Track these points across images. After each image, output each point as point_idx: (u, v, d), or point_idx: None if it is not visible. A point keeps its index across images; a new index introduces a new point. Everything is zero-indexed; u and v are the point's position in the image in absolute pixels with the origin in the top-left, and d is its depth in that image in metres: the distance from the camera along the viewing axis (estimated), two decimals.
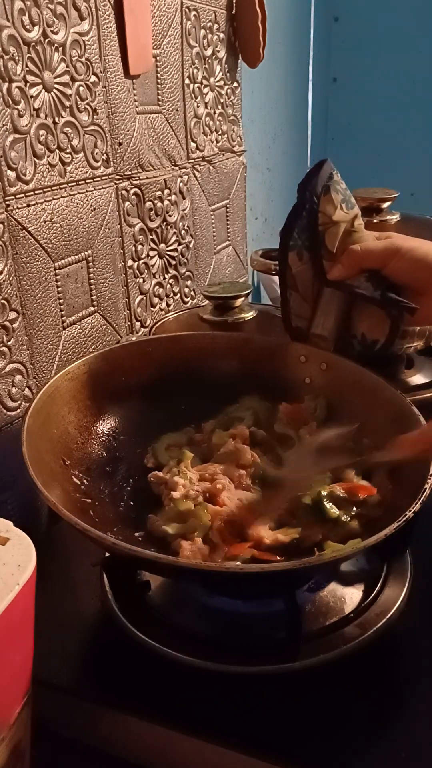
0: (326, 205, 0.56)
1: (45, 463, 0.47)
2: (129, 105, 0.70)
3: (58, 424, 0.53)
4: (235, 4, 0.90)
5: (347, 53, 1.71)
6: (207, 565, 0.43)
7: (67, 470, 0.51)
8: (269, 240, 1.33)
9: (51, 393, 0.53)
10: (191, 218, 0.88)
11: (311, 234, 0.57)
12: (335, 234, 0.57)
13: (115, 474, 0.56)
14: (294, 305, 0.60)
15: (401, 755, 0.39)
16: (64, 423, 0.54)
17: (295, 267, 0.59)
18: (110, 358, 0.59)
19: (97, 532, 0.39)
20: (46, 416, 0.51)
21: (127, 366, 0.60)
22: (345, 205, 0.57)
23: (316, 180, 0.56)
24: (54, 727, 0.44)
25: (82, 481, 0.52)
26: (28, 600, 0.32)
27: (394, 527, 0.39)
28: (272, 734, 0.40)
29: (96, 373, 0.58)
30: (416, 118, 1.68)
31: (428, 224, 0.96)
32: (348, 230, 0.57)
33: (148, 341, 0.64)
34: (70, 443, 0.54)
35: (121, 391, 0.60)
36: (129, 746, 0.43)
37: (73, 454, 0.53)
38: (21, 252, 0.56)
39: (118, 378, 0.59)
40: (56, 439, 0.52)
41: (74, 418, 0.55)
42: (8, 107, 0.53)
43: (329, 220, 0.56)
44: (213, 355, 0.63)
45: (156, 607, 0.48)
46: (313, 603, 0.48)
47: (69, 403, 0.55)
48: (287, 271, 0.59)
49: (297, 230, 0.58)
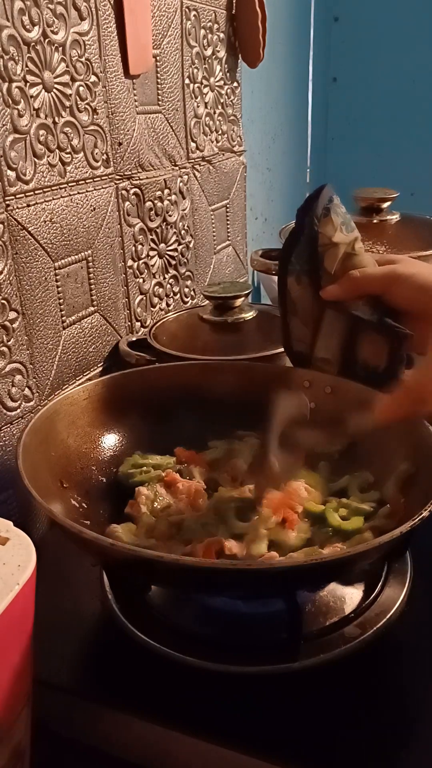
0: (326, 226, 0.56)
1: (42, 482, 0.46)
2: (129, 105, 0.70)
3: (57, 447, 0.52)
4: (235, 4, 0.90)
5: (347, 53, 1.70)
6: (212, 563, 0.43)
7: (65, 492, 0.51)
8: (269, 240, 1.33)
9: (50, 415, 0.52)
10: (191, 218, 0.88)
11: (310, 257, 0.57)
12: (335, 255, 0.56)
13: (116, 498, 0.55)
14: (294, 330, 0.60)
15: (401, 755, 0.39)
16: (62, 447, 0.53)
17: (294, 291, 0.59)
18: (111, 385, 0.59)
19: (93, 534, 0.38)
20: (45, 437, 0.50)
21: (128, 393, 0.60)
22: (345, 227, 0.57)
23: (316, 204, 0.56)
24: (54, 727, 0.44)
25: (81, 504, 0.52)
26: (28, 600, 0.32)
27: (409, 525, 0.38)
28: (272, 734, 0.40)
29: (96, 399, 0.57)
30: (416, 118, 1.68)
31: (428, 224, 0.96)
32: (348, 253, 0.57)
33: (150, 370, 0.64)
34: (69, 467, 0.53)
35: (121, 418, 0.59)
36: (129, 746, 0.43)
37: (71, 478, 0.52)
38: (21, 252, 0.56)
39: (118, 405, 0.59)
40: (54, 462, 0.51)
41: (73, 443, 0.55)
42: (8, 107, 0.53)
43: (329, 241, 0.56)
44: (216, 382, 0.62)
45: (156, 607, 0.48)
46: (313, 603, 0.48)
47: (68, 428, 0.54)
48: (287, 296, 0.59)
49: (294, 255, 0.57)
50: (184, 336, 0.73)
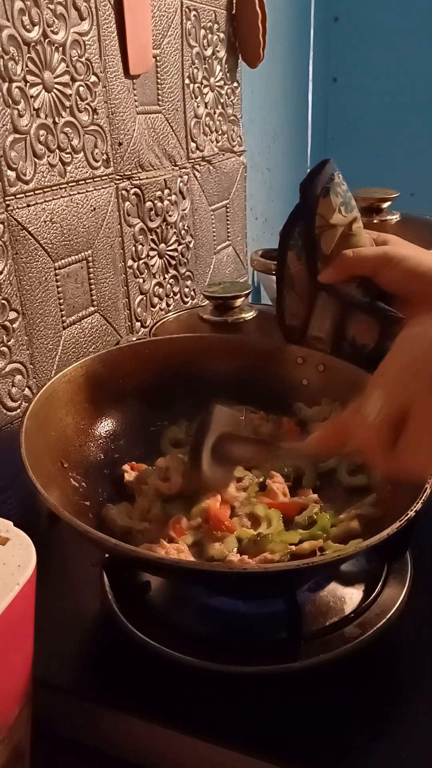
0: (324, 207, 0.56)
1: (43, 465, 0.47)
2: (129, 105, 0.70)
3: (56, 426, 0.53)
4: (235, 4, 0.90)
5: (347, 53, 1.71)
6: (210, 566, 0.43)
7: (65, 472, 0.51)
8: (269, 240, 1.33)
9: (48, 395, 0.53)
10: (191, 218, 0.88)
11: (310, 236, 0.57)
12: (331, 237, 0.56)
13: (113, 476, 0.56)
14: (289, 304, 0.60)
15: (401, 755, 0.39)
16: (61, 425, 0.54)
17: (293, 266, 0.59)
18: (107, 360, 0.59)
19: (99, 534, 0.39)
20: (44, 418, 0.51)
21: (124, 369, 0.60)
22: (344, 208, 0.56)
23: (318, 180, 0.56)
24: (54, 727, 0.44)
25: (81, 483, 0.52)
26: (28, 600, 0.32)
27: (396, 527, 0.39)
28: (272, 734, 0.40)
29: (93, 375, 0.58)
30: (416, 118, 1.68)
31: (428, 224, 0.96)
32: (345, 233, 0.57)
33: (144, 344, 0.64)
34: (68, 446, 0.54)
35: (118, 394, 0.60)
36: (129, 746, 0.43)
37: (71, 457, 0.53)
38: (21, 252, 0.56)
39: (115, 381, 0.59)
40: (54, 442, 0.52)
41: (72, 421, 0.55)
42: (8, 107, 0.53)
43: (326, 223, 0.56)
44: (210, 357, 0.63)
45: (156, 607, 0.48)
46: (314, 603, 0.48)
47: (66, 406, 0.55)
48: (285, 270, 0.59)
49: (298, 230, 0.57)
50: None
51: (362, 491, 0.52)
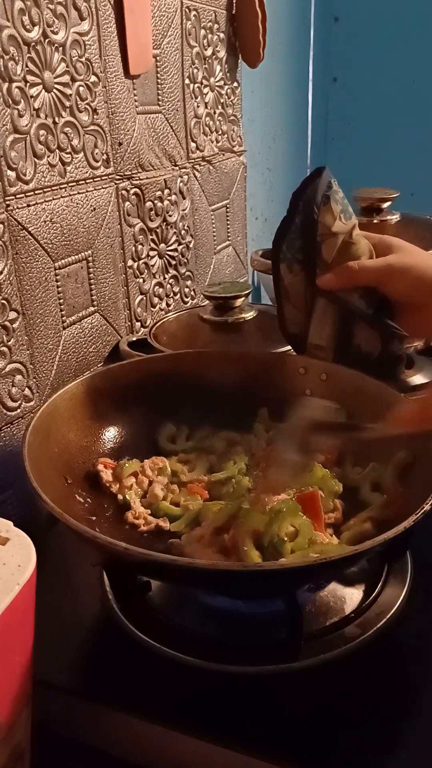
0: (325, 215, 0.55)
1: (48, 480, 0.47)
2: (129, 105, 0.70)
3: (59, 443, 0.53)
4: (235, 4, 0.90)
5: (347, 53, 1.70)
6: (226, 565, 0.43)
7: (70, 489, 0.51)
8: (269, 240, 1.32)
9: (50, 412, 0.52)
10: (191, 218, 0.88)
11: (304, 245, 0.57)
12: (333, 245, 0.56)
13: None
14: (288, 314, 0.60)
15: (401, 755, 0.39)
16: (64, 442, 0.53)
17: (286, 278, 0.59)
18: (108, 377, 0.59)
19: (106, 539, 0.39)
20: (46, 434, 0.51)
21: (125, 385, 0.60)
22: (344, 215, 0.56)
23: (313, 188, 0.55)
24: (54, 727, 0.44)
25: (86, 500, 0.52)
26: (28, 600, 0.32)
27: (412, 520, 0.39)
28: (272, 734, 0.40)
29: (94, 392, 0.57)
30: (416, 118, 1.68)
31: (428, 224, 0.96)
32: (346, 242, 0.56)
33: (145, 360, 0.64)
34: (72, 462, 0.53)
35: (120, 410, 0.59)
36: (129, 746, 0.43)
37: (75, 473, 0.53)
38: (21, 252, 0.56)
39: (116, 397, 0.59)
40: (57, 458, 0.52)
41: (74, 438, 0.55)
42: (8, 107, 0.53)
43: (328, 231, 0.56)
44: (211, 371, 0.63)
45: (156, 607, 0.48)
46: (314, 603, 0.48)
47: (68, 423, 0.55)
48: (280, 281, 0.59)
49: (286, 243, 0.57)
50: (184, 336, 0.73)
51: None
